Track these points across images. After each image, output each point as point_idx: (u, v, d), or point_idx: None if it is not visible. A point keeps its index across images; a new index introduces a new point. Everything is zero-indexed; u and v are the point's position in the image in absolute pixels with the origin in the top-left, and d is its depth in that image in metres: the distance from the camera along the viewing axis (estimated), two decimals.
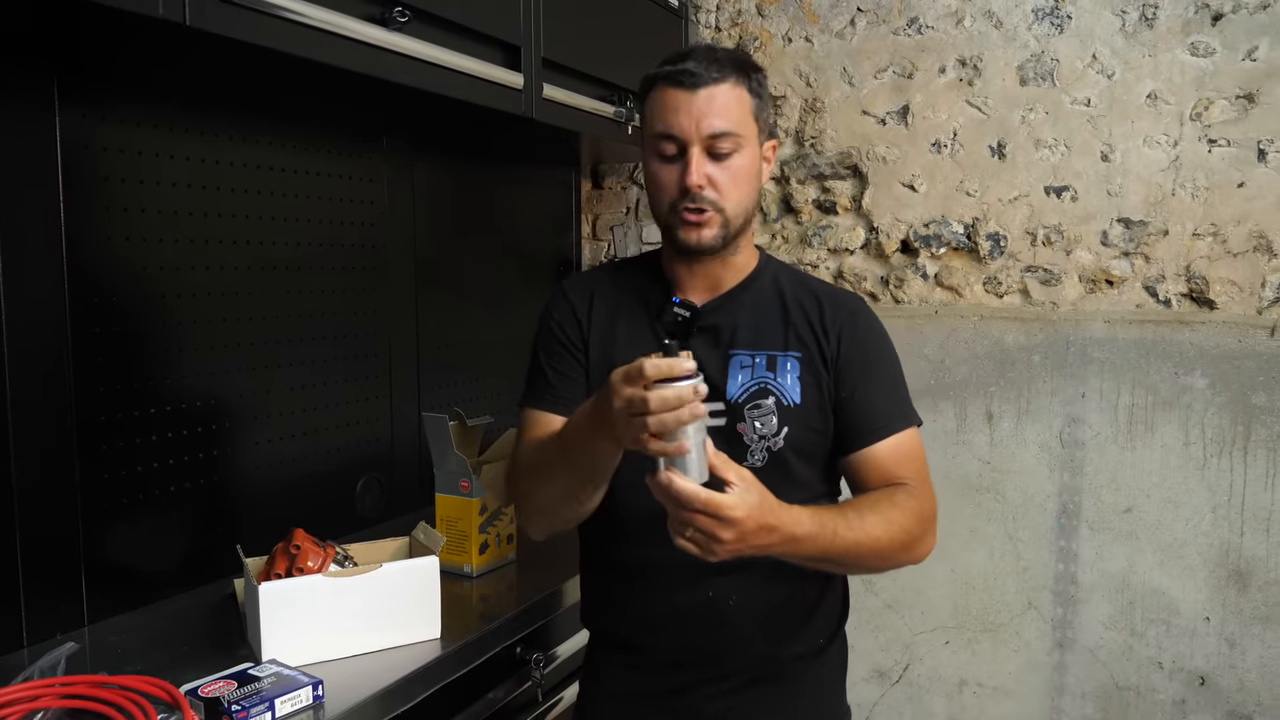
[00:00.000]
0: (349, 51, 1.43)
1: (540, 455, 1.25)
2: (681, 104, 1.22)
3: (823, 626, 1.37)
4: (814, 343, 1.30)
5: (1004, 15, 2.25)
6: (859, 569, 1.28)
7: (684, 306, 1.28)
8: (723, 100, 1.23)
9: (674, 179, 1.24)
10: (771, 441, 1.26)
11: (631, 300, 1.36)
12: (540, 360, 1.37)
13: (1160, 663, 2.19)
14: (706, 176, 1.23)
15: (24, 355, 1.40)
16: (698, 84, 1.22)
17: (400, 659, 1.38)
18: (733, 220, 1.26)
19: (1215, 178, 2.10)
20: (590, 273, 1.45)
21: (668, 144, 1.24)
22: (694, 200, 1.23)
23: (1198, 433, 2.13)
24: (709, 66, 1.23)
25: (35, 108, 1.41)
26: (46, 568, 1.44)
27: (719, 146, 1.23)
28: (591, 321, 1.35)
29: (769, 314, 1.32)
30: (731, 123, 1.23)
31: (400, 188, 2.11)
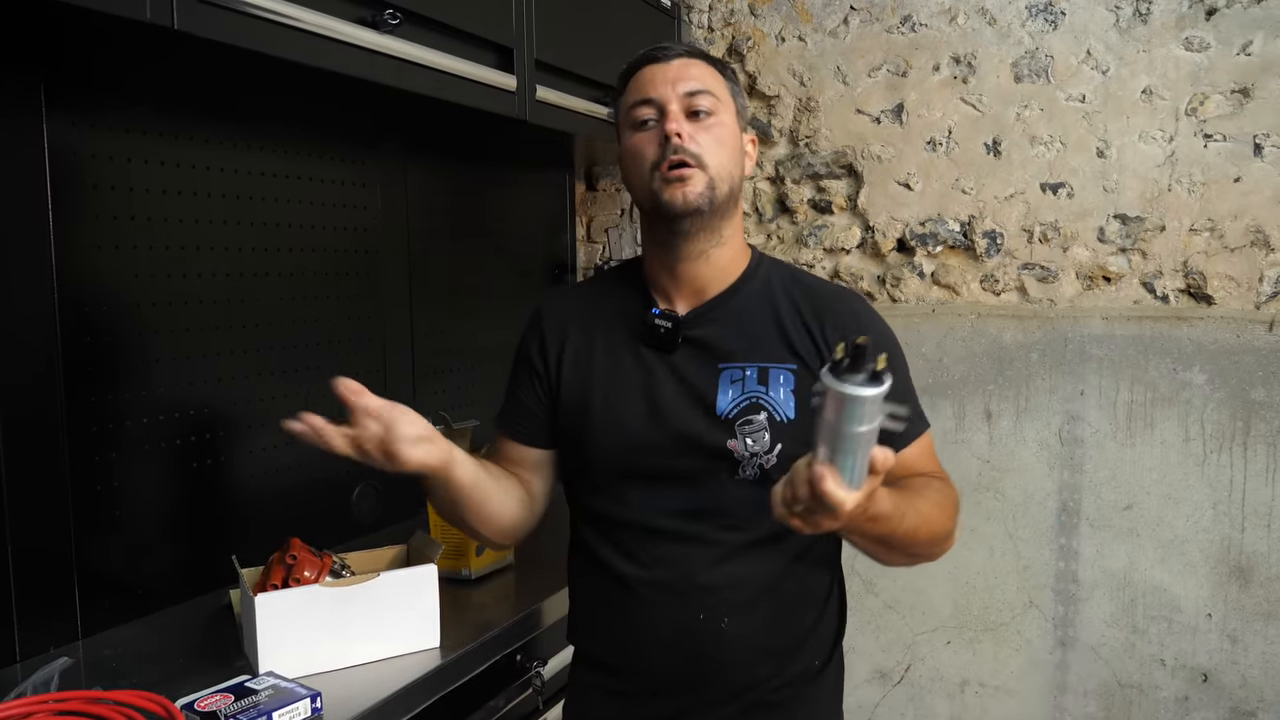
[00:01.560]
0: (340, 55, 1.41)
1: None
2: (656, 74, 1.23)
3: (818, 648, 1.30)
4: (812, 353, 1.22)
5: (998, 12, 2.24)
6: (901, 555, 1.16)
7: (665, 317, 1.24)
8: (697, 69, 1.24)
9: (653, 140, 1.21)
10: (764, 459, 1.19)
11: (611, 314, 1.31)
12: (511, 383, 1.38)
13: (1162, 660, 2.19)
14: (687, 131, 1.20)
15: (14, 365, 1.38)
16: (670, 55, 1.24)
17: (399, 668, 1.37)
18: (718, 182, 1.20)
19: (1211, 173, 2.09)
20: (569, 290, 1.43)
21: (644, 109, 1.22)
22: (676, 151, 1.18)
23: (1197, 429, 2.13)
24: (680, 48, 1.26)
25: (23, 115, 1.39)
26: (39, 581, 1.42)
27: (697, 104, 1.21)
28: (564, 349, 1.31)
29: (761, 322, 1.25)
30: (707, 85, 1.23)
31: (393, 191, 2.09)
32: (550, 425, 1.33)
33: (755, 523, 1.20)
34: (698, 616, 1.22)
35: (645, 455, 1.23)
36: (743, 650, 1.23)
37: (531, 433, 1.34)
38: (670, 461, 1.22)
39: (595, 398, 1.27)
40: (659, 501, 1.23)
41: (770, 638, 1.24)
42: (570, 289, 1.44)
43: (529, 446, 1.34)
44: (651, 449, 1.23)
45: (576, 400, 1.29)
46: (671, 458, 1.22)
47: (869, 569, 2.40)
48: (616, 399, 1.26)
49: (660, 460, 1.23)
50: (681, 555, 1.22)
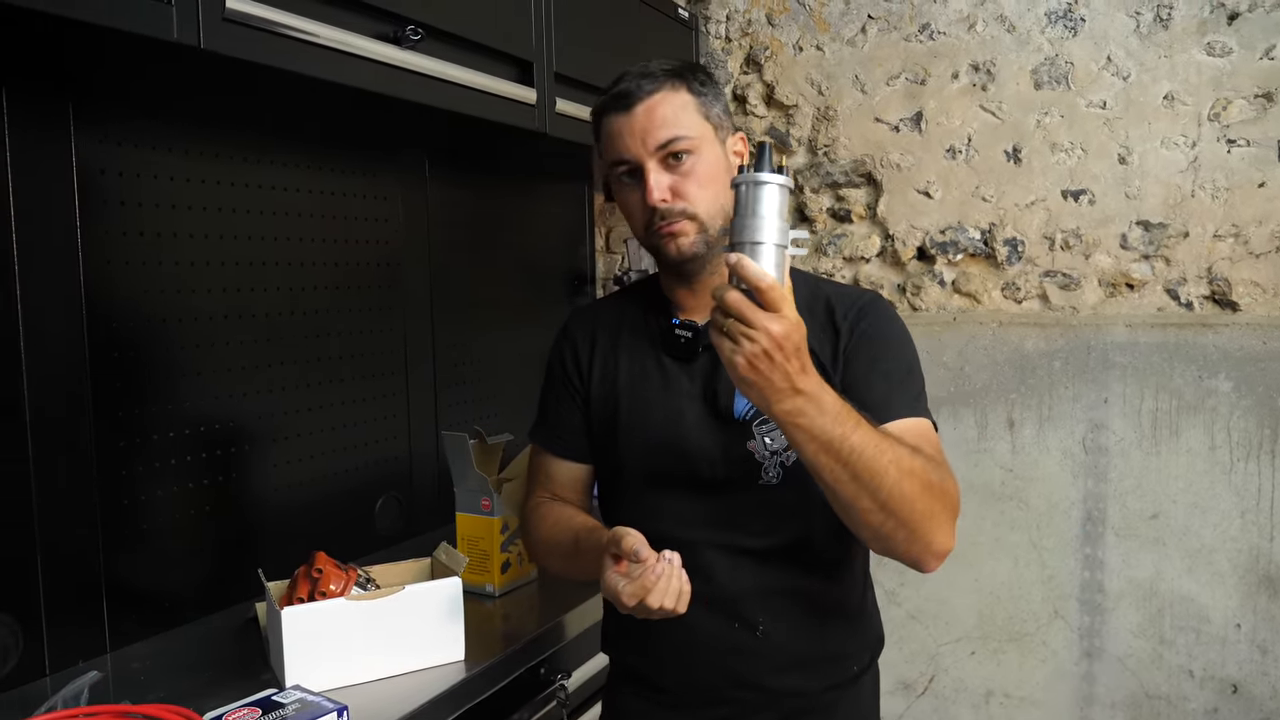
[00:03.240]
0: (363, 71, 1.43)
1: (554, 541, 1.29)
2: (624, 127, 1.21)
3: (857, 654, 1.31)
4: (825, 351, 1.23)
5: (1016, 19, 2.23)
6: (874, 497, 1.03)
7: (685, 327, 1.27)
8: (661, 110, 1.20)
9: (639, 201, 1.23)
10: (784, 456, 1.21)
11: (633, 327, 1.33)
12: (544, 396, 1.40)
13: (1191, 671, 2.16)
14: (668, 188, 1.20)
15: (44, 382, 1.39)
16: (631, 102, 1.21)
17: (424, 682, 1.37)
18: (709, 224, 1.22)
19: (1235, 178, 2.08)
20: (594, 305, 1.43)
21: (623, 170, 1.23)
22: (663, 217, 1.21)
23: (1224, 436, 2.11)
24: (640, 82, 1.21)
25: (52, 133, 1.41)
26: (68, 594, 1.43)
27: (671, 150, 1.20)
28: (594, 358, 1.33)
29: None
30: (678, 128, 1.20)
31: (414, 205, 2.10)
32: (589, 439, 1.35)
33: (782, 528, 1.22)
34: (732, 625, 1.23)
35: (670, 464, 1.24)
36: (780, 657, 1.24)
37: (578, 448, 1.35)
38: (694, 469, 1.23)
39: (622, 409, 1.29)
40: (686, 510, 1.24)
41: (807, 644, 1.25)
42: (593, 304, 1.45)
43: (577, 462, 1.36)
44: (676, 457, 1.24)
45: (606, 412, 1.31)
46: (695, 465, 1.23)
47: (892, 579, 2.39)
48: (641, 409, 1.28)
49: (685, 468, 1.24)
50: (712, 564, 1.22)
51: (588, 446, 1.35)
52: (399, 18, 1.49)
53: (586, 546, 1.19)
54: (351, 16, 1.42)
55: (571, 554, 1.25)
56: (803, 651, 1.25)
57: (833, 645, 1.28)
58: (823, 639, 1.27)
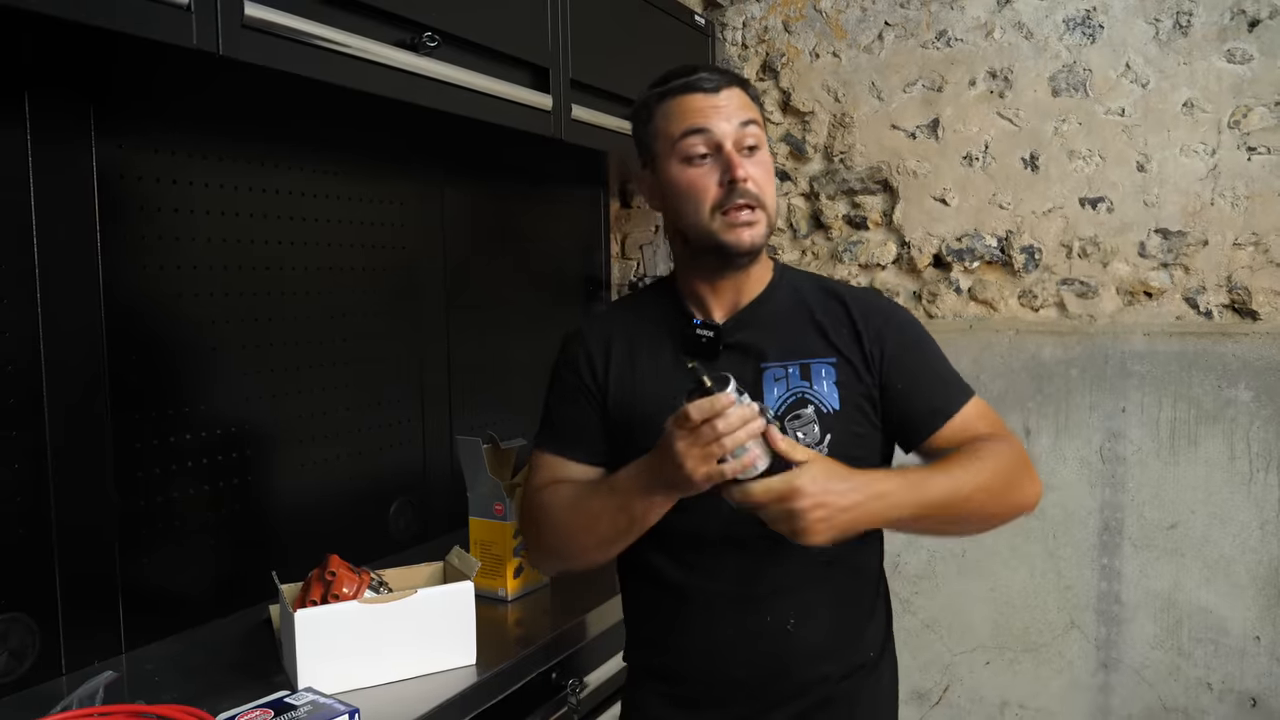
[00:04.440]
0: (380, 77, 1.44)
1: (578, 505, 1.24)
2: (706, 104, 1.22)
3: (874, 638, 1.33)
4: (848, 345, 1.26)
5: (1034, 26, 2.22)
6: (970, 519, 1.20)
7: (706, 326, 1.27)
8: (741, 99, 1.24)
9: (712, 180, 1.21)
10: (818, 449, 1.22)
11: (650, 331, 1.33)
12: (553, 405, 1.36)
13: (1209, 683, 2.14)
14: (750, 171, 1.21)
15: (64, 384, 1.41)
16: (718, 86, 1.23)
17: (436, 686, 1.37)
18: (772, 217, 1.25)
19: (1255, 186, 2.06)
20: (606, 312, 1.43)
21: (698, 142, 1.21)
22: (743, 196, 1.20)
23: (1243, 446, 2.09)
24: (718, 74, 1.25)
25: (73, 138, 1.42)
26: (84, 595, 1.44)
27: (748, 138, 1.22)
28: (610, 364, 1.32)
29: (795, 322, 1.29)
30: (755, 115, 1.24)
31: (430, 210, 2.11)
32: (606, 442, 1.32)
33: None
34: (765, 620, 1.24)
35: None
36: (809, 649, 1.26)
37: (593, 451, 1.33)
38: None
39: (643, 412, 1.27)
40: (715, 510, 1.21)
41: (834, 633, 1.27)
42: (607, 309, 1.45)
43: (591, 465, 1.33)
44: None
45: (625, 416, 1.30)
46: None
47: (905, 588, 2.37)
48: (665, 411, 1.26)
49: None
50: (741, 561, 1.24)
51: (603, 449, 1.33)
52: (416, 24, 1.50)
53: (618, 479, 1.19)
54: (369, 23, 1.43)
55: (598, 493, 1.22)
56: (829, 641, 1.27)
57: (854, 633, 1.30)
58: (847, 628, 1.29)
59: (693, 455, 1.05)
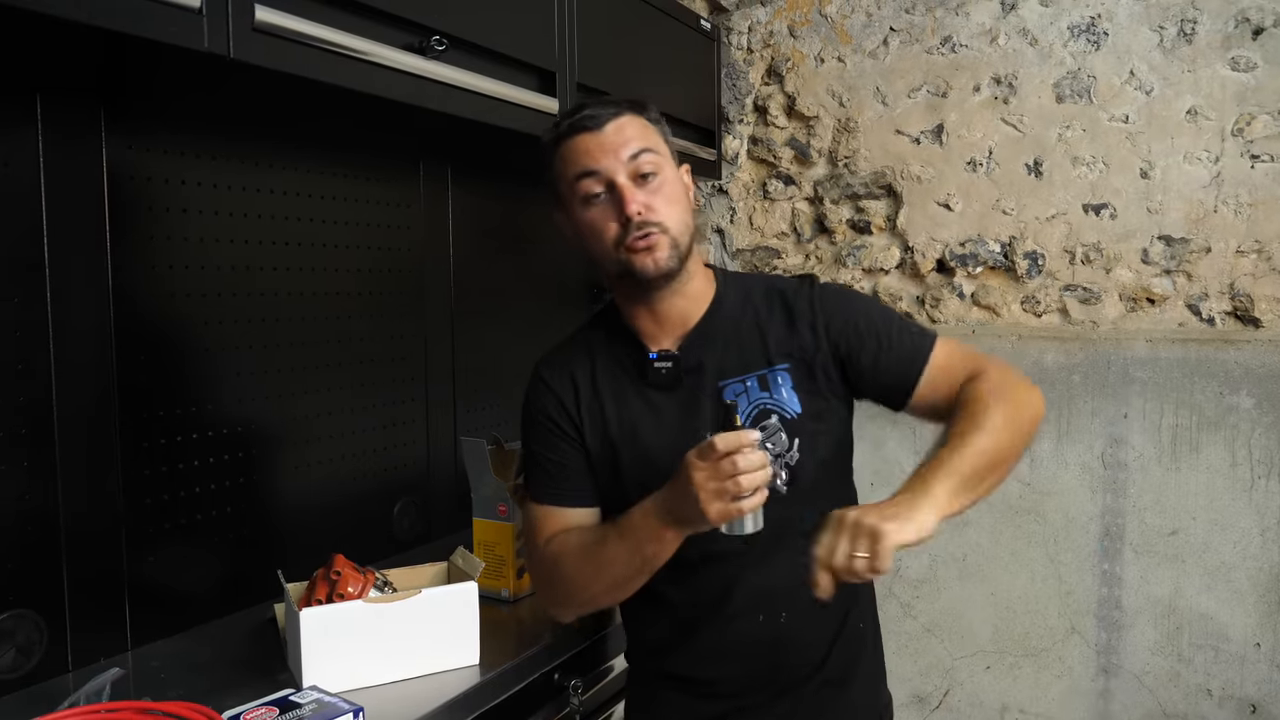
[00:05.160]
0: (388, 80, 1.44)
1: (588, 553, 1.25)
2: (593, 143, 1.23)
3: (862, 611, 1.38)
4: (797, 343, 1.29)
5: (1039, 33, 2.23)
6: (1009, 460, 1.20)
7: (664, 358, 1.29)
8: (630, 129, 1.25)
9: (610, 217, 1.24)
10: (788, 457, 1.26)
11: (608, 366, 1.34)
12: (537, 453, 1.36)
13: (1209, 690, 2.14)
14: (642, 203, 1.22)
15: (72, 383, 1.42)
16: (602, 121, 1.24)
17: (439, 685, 1.38)
18: (679, 238, 1.25)
19: (1259, 193, 2.07)
20: (563, 349, 1.41)
21: (591, 183, 1.24)
22: (639, 229, 1.22)
23: (1244, 453, 2.09)
24: (603, 108, 1.25)
25: (84, 140, 1.43)
26: (91, 592, 1.45)
27: (642, 167, 1.23)
28: (580, 401, 1.33)
29: (745, 334, 1.31)
30: (646, 142, 1.25)
31: (436, 213, 2.12)
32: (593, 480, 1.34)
33: (789, 524, 1.25)
34: (757, 619, 1.29)
35: None
36: (803, 636, 1.31)
37: (586, 492, 1.34)
38: None
39: (620, 449, 1.31)
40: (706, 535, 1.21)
41: (823, 617, 1.31)
42: (557, 348, 1.44)
43: (587, 508, 1.34)
44: None
45: (603, 455, 1.32)
46: None
47: (906, 592, 2.38)
48: (642, 448, 1.30)
49: None
50: (725, 575, 1.27)
51: (594, 488, 1.34)
52: (424, 28, 1.51)
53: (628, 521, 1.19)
54: (378, 27, 1.44)
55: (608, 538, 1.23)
56: (820, 626, 1.32)
57: (840, 612, 1.33)
58: (834, 610, 1.31)
59: (708, 489, 1.07)
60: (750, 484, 1.06)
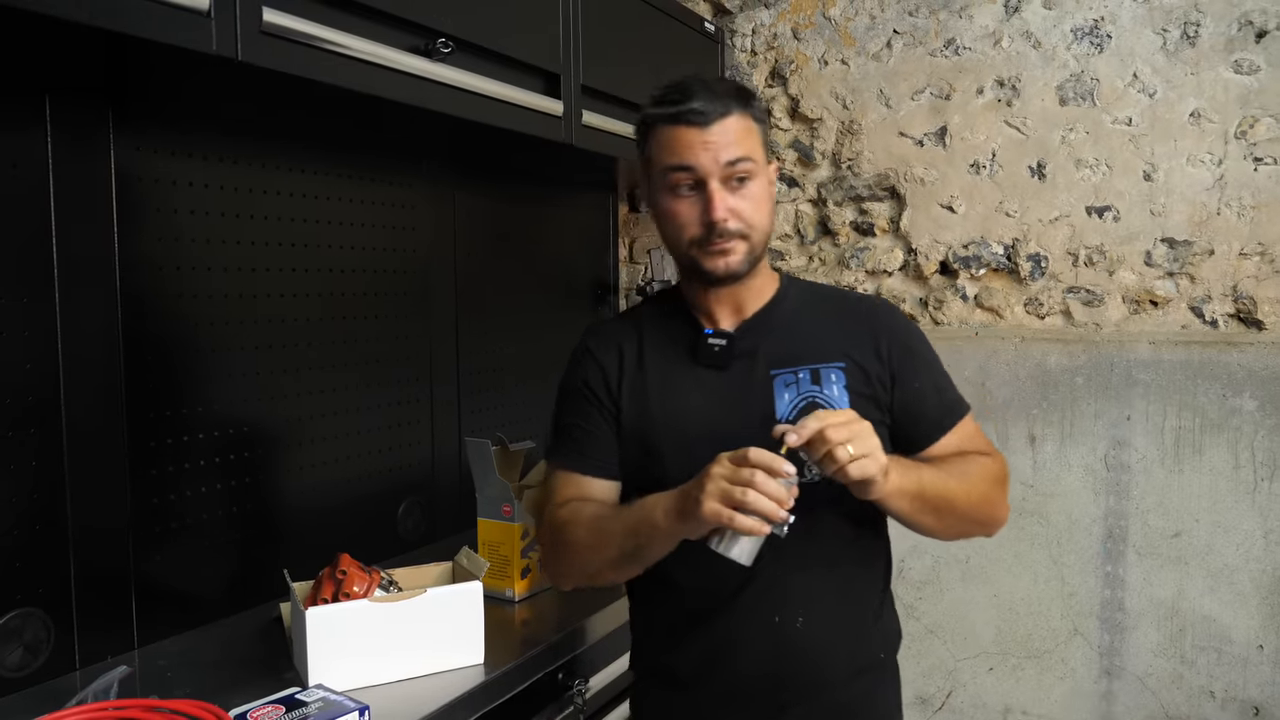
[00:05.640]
0: (394, 82, 1.45)
1: (593, 526, 1.24)
2: (695, 139, 1.22)
3: (884, 640, 1.36)
4: (858, 350, 1.29)
5: (1042, 35, 2.23)
6: (949, 517, 1.24)
7: (718, 335, 1.29)
8: (735, 132, 1.23)
9: (694, 215, 1.23)
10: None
11: (659, 342, 1.34)
12: (567, 419, 1.35)
13: (1212, 692, 2.14)
14: (730, 209, 1.22)
15: (80, 383, 1.43)
16: (709, 119, 1.22)
17: (444, 684, 1.39)
18: (757, 244, 1.26)
19: (1262, 196, 2.07)
20: (612, 323, 1.42)
21: (684, 176, 1.23)
22: (721, 235, 1.22)
23: (1248, 456, 2.09)
24: (713, 102, 1.22)
25: (92, 141, 1.44)
26: (98, 591, 1.46)
27: (736, 174, 1.22)
28: (623, 374, 1.33)
29: (804, 329, 1.31)
30: (745, 150, 1.23)
31: (441, 213, 2.13)
32: (621, 454, 1.33)
33: (824, 523, 1.24)
34: (773, 619, 1.26)
35: None
36: (818, 646, 1.27)
37: (610, 465, 1.33)
38: None
39: (657, 423, 1.29)
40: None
41: (842, 631, 1.29)
42: (611, 320, 1.45)
43: (609, 480, 1.33)
44: None
45: (638, 428, 1.31)
46: None
47: (909, 594, 2.38)
48: (679, 421, 1.28)
49: None
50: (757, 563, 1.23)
51: (618, 461, 1.33)
52: (430, 31, 1.52)
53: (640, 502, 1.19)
54: (384, 29, 1.45)
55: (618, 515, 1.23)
56: (838, 639, 1.28)
57: (862, 631, 1.32)
58: (854, 626, 1.31)
59: (716, 485, 1.06)
60: (756, 503, 1.03)
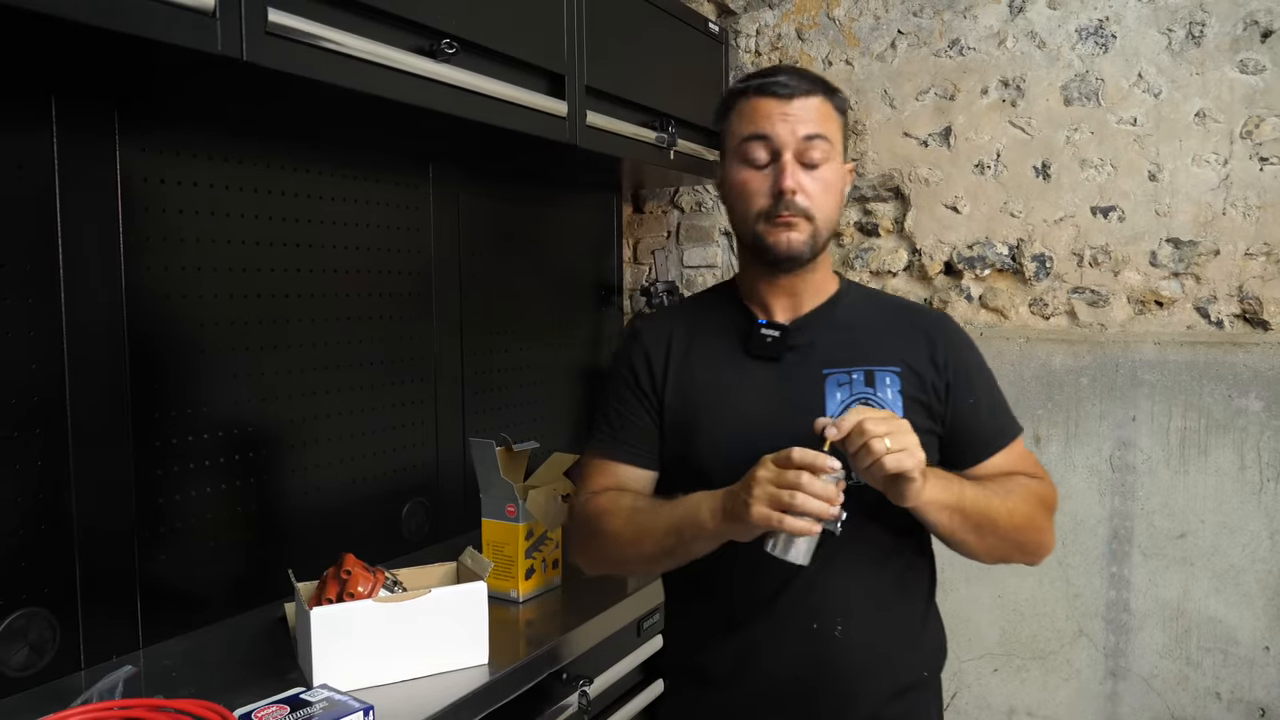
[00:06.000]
0: (399, 83, 1.45)
1: (632, 520, 1.23)
2: (775, 110, 1.21)
3: (927, 657, 1.32)
4: (914, 356, 1.27)
5: (1047, 36, 2.23)
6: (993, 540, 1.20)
7: (772, 326, 1.27)
8: (817, 110, 1.23)
9: (764, 186, 1.22)
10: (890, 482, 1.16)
11: (711, 331, 1.32)
12: (610, 405, 1.35)
13: (1218, 693, 2.14)
14: (800, 183, 1.21)
15: (85, 383, 1.43)
16: (793, 93, 1.22)
17: (448, 684, 1.39)
18: (821, 230, 1.24)
19: (1267, 196, 2.06)
20: (666, 311, 1.42)
21: (759, 147, 1.22)
22: (788, 208, 1.21)
23: (1253, 456, 2.09)
24: (800, 79, 1.23)
25: (98, 142, 1.45)
26: (103, 591, 1.46)
27: (811, 152, 1.21)
28: (669, 364, 1.31)
29: (861, 330, 1.29)
30: (823, 129, 1.22)
31: (445, 215, 2.13)
32: (660, 445, 1.32)
33: (867, 528, 1.22)
34: (811, 626, 1.23)
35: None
36: (857, 658, 1.24)
37: (646, 454, 1.32)
38: None
39: (702, 414, 1.28)
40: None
41: (883, 644, 1.26)
42: (665, 309, 1.45)
43: (643, 469, 1.32)
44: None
45: (683, 418, 1.29)
46: None
47: None
48: (724, 413, 1.26)
49: None
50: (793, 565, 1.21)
51: (658, 451, 1.32)
52: (435, 31, 1.52)
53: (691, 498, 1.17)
54: (389, 30, 1.45)
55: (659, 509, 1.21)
56: (878, 651, 1.25)
57: (905, 645, 1.28)
58: (897, 638, 1.27)
59: (763, 489, 1.05)
60: (804, 505, 1.03)
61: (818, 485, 1.03)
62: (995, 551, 1.23)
